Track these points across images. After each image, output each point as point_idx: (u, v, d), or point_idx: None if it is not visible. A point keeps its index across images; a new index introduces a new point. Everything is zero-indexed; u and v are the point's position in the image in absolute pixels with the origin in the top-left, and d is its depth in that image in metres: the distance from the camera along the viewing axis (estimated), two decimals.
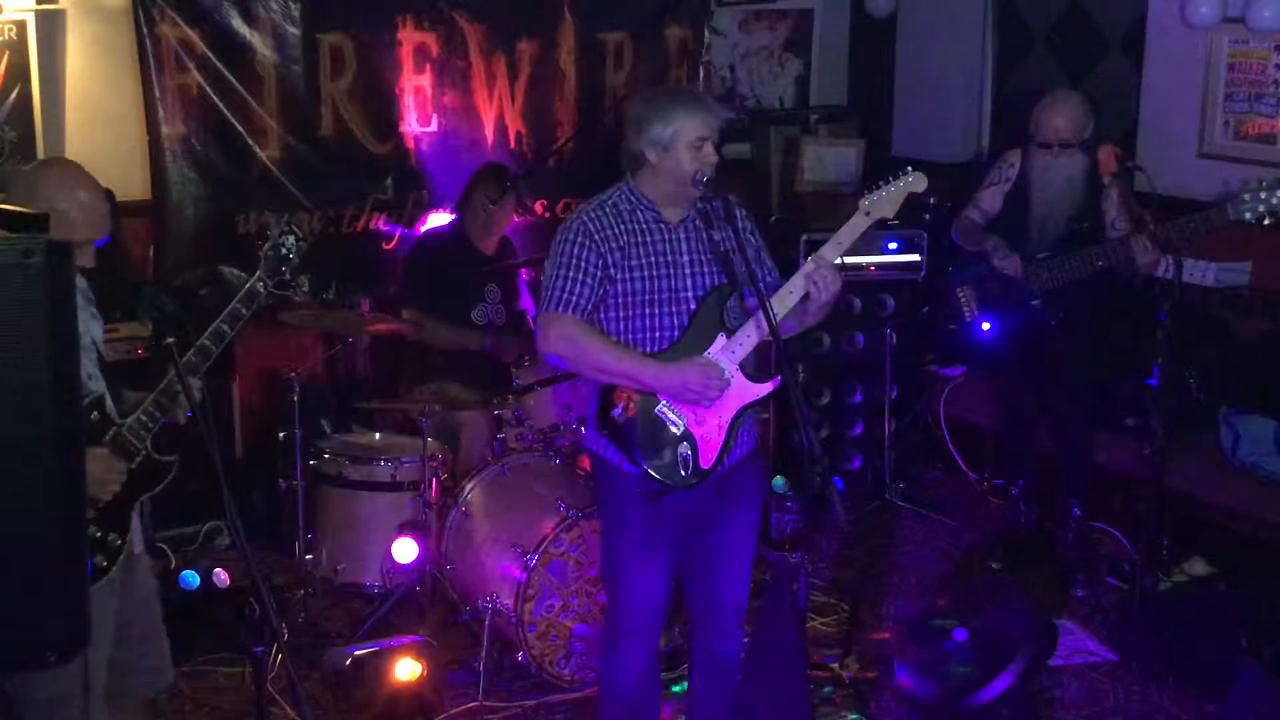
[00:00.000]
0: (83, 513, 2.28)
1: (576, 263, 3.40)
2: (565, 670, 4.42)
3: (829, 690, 4.44)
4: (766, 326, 3.26)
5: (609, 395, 3.43)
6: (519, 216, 6.02)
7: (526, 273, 5.68)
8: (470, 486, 4.78)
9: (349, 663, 4.18)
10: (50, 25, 5.38)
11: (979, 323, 5.26)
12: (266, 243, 3.42)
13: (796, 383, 3.52)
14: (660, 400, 3.42)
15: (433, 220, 6.11)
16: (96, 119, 5.55)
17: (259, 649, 2.91)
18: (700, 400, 3.40)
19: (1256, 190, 4.51)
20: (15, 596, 2.09)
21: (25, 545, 2.09)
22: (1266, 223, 4.52)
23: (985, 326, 5.23)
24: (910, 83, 7.41)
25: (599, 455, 3.54)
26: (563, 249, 3.43)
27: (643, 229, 3.46)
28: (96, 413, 3.10)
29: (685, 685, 4.24)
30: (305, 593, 4.89)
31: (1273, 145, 5.60)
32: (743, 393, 3.46)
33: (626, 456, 3.44)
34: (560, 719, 4.34)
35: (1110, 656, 4.66)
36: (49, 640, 2.15)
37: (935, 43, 7.21)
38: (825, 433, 6.10)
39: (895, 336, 6.03)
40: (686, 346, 3.43)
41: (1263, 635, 4.19)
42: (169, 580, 4.86)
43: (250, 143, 5.76)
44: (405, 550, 4.72)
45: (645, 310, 3.44)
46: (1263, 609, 4.57)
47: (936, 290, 5.81)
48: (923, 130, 7.25)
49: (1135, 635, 4.59)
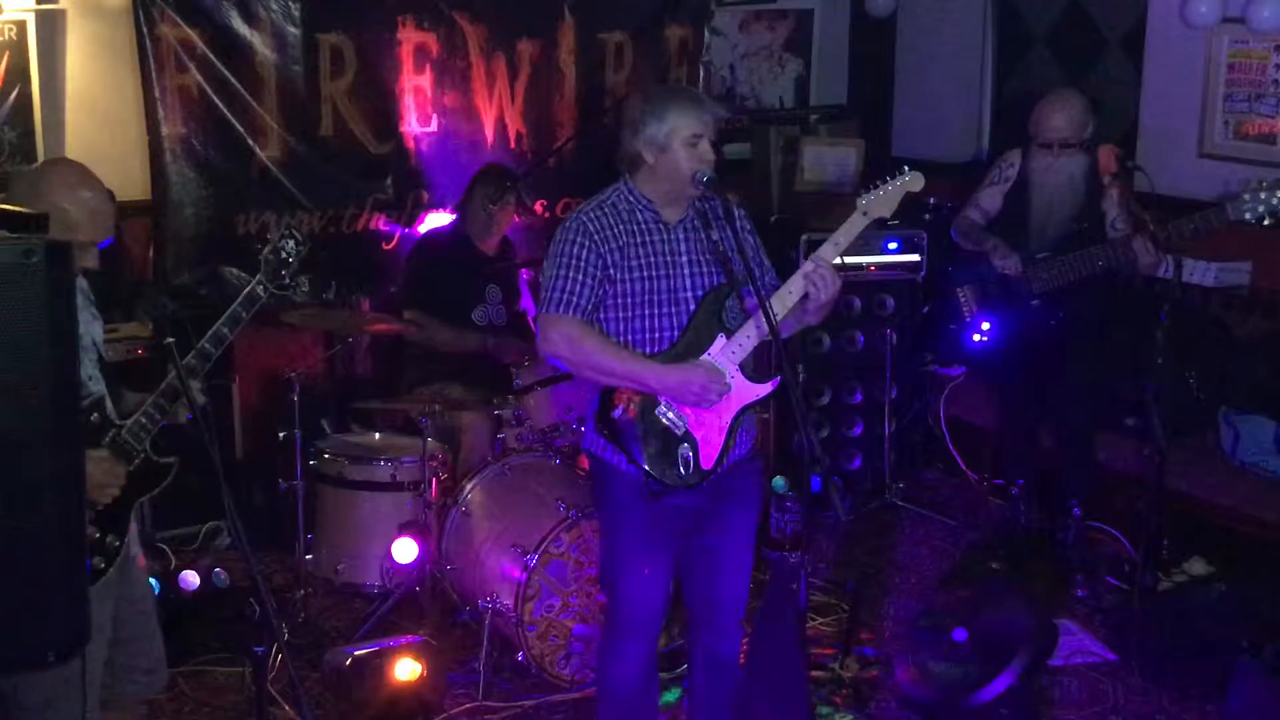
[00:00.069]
0: (83, 513, 2.28)
1: (576, 263, 3.39)
2: (565, 670, 4.42)
3: (829, 690, 4.43)
4: (766, 327, 3.26)
5: (609, 396, 3.43)
6: (519, 217, 6.02)
7: (527, 273, 5.68)
8: (470, 486, 4.78)
9: (349, 663, 4.18)
10: (50, 25, 5.37)
11: (979, 323, 5.26)
12: (266, 246, 3.41)
13: (796, 383, 3.52)
14: (661, 401, 3.42)
15: (433, 220, 6.11)
16: (96, 119, 5.55)
17: (259, 649, 2.91)
18: (701, 402, 3.39)
19: (1256, 190, 4.51)
20: (15, 596, 2.09)
21: (25, 545, 2.09)
22: (1266, 223, 4.52)
23: (985, 326, 5.24)
24: (910, 83, 7.41)
25: (598, 456, 3.53)
26: (562, 249, 3.41)
27: (642, 229, 3.45)
28: (97, 414, 3.10)
29: (677, 693, 4.25)
30: (305, 593, 4.89)
31: (1273, 145, 5.61)
32: (743, 393, 3.45)
33: (626, 457, 3.43)
34: (560, 719, 4.34)
35: (1110, 656, 4.66)
36: (49, 640, 2.16)
37: (935, 43, 7.21)
38: (825, 433, 6.10)
39: (895, 336, 6.02)
40: (686, 347, 3.42)
41: (1263, 635, 4.18)
42: (169, 580, 4.89)
43: (250, 143, 5.75)
44: (405, 550, 4.72)
45: (644, 311, 3.43)
46: (1263, 609, 4.57)
47: (936, 290, 5.80)
48: (923, 130, 7.26)
49: (1135, 635, 4.59)
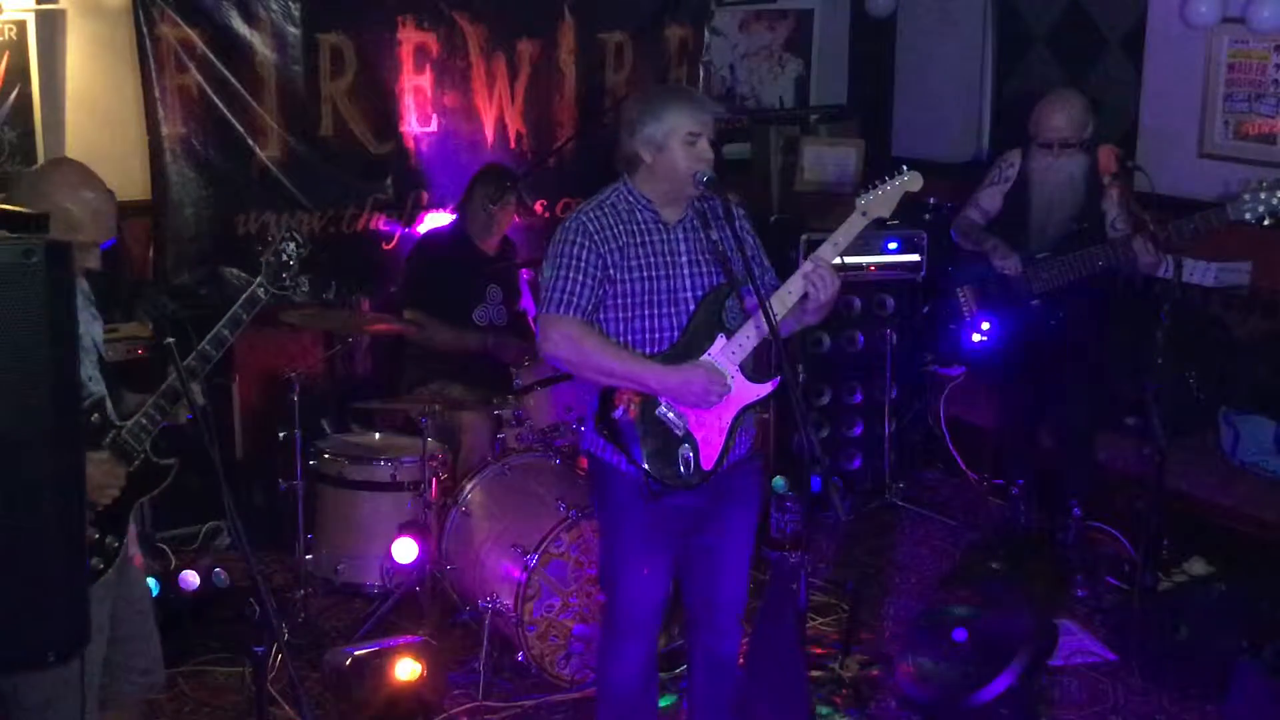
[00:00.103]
0: (83, 513, 2.28)
1: (576, 263, 3.38)
2: (565, 670, 4.42)
3: (829, 690, 4.43)
4: (766, 327, 3.25)
5: (609, 396, 3.42)
6: (519, 217, 6.02)
7: (527, 273, 5.68)
8: (470, 486, 4.78)
9: (349, 663, 4.18)
10: (50, 25, 5.37)
11: (979, 323, 5.26)
12: (268, 249, 3.40)
13: (796, 383, 3.52)
14: (661, 401, 3.41)
15: (432, 220, 6.11)
16: (96, 119, 5.55)
17: (259, 649, 2.91)
18: (702, 403, 3.39)
19: (1256, 191, 4.52)
20: (15, 596, 2.09)
21: (25, 545, 2.09)
22: (1266, 223, 4.52)
23: (985, 326, 5.24)
24: (910, 83, 7.41)
25: (597, 456, 3.53)
26: (562, 249, 3.41)
27: (642, 229, 3.45)
28: (97, 415, 3.09)
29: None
30: (305, 593, 4.89)
31: (1273, 145, 5.61)
32: (743, 393, 3.45)
33: (626, 457, 3.42)
34: (560, 719, 4.34)
35: (1110, 656, 4.66)
36: (49, 640, 2.16)
37: (935, 43, 7.21)
38: (825, 433, 6.10)
39: (895, 336, 6.02)
40: (686, 347, 3.42)
41: (1263, 635, 4.18)
42: (169, 580, 4.89)
43: (250, 143, 5.75)
44: (405, 550, 4.72)
45: (644, 311, 3.43)
46: (1263, 609, 4.57)
47: (936, 290, 5.80)
48: (923, 130, 7.25)
49: (1135, 635, 4.59)
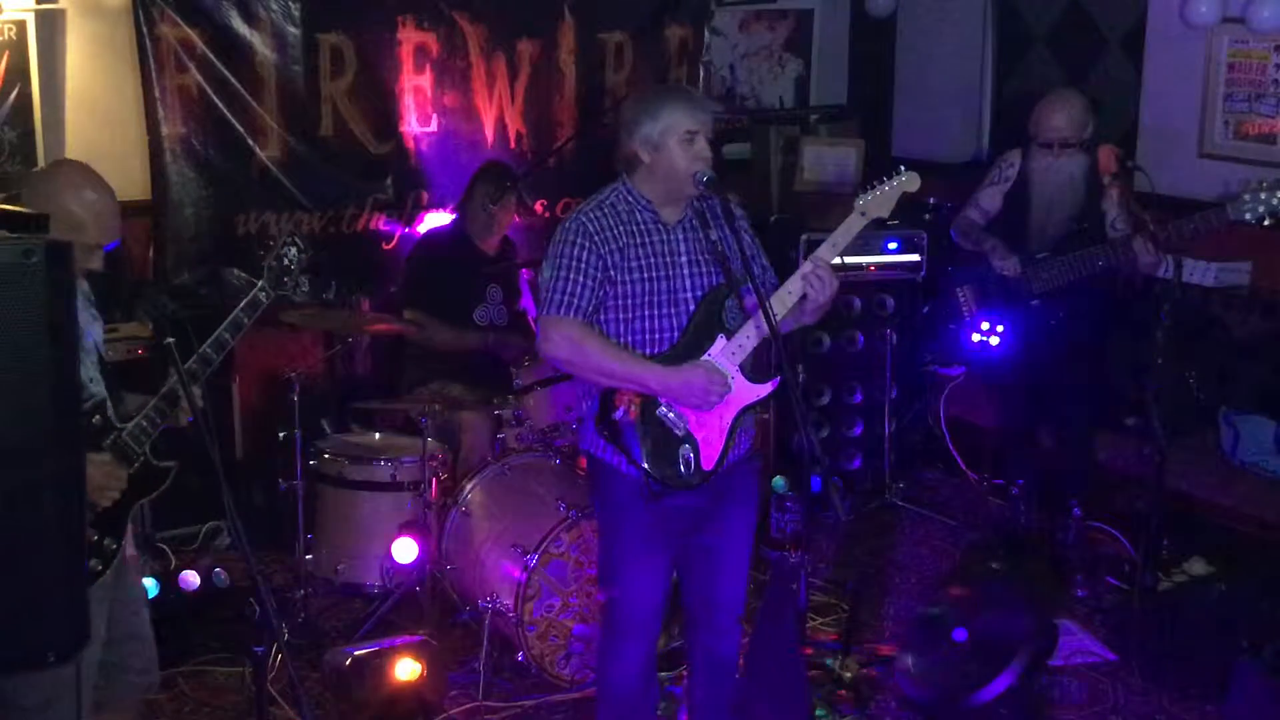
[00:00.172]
0: (83, 513, 2.28)
1: (576, 264, 3.38)
2: (565, 670, 4.42)
3: (829, 690, 4.43)
4: (766, 327, 3.25)
5: (610, 397, 3.42)
6: (519, 217, 6.02)
7: (528, 272, 5.67)
8: (470, 486, 4.78)
9: (349, 663, 4.18)
10: (50, 25, 5.37)
11: (979, 322, 5.26)
12: (269, 254, 3.40)
13: (796, 383, 3.51)
14: (661, 402, 3.41)
15: (433, 220, 6.11)
16: (96, 119, 5.54)
17: (259, 649, 2.91)
18: (703, 405, 3.39)
19: (1256, 191, 4.52)
20: (15, 597, 2.09)
21: (25, 545, 2.09)
22: (1266, 223, 4.52)
23: (985, 326, 5.23)
24: (910, 83, 7.40)
25: (597, 456, 3.52)
26: (562, 250, 3.40)
27: (642, 230, 3.45)
28: (99, 416, 3.09)
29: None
30: (305, 593, 4.88)
31: (1273, 145, 5.61)
32: (743, 394, 3.45)
33: (626, 458, 3.42)
34: (560, 719, 4.34)
35: (1110, 656, 4.66)
36: (49, 640, 2.15)
37: (935, 43, 7.21)
38: (825, 433, 6.10)
39: (895, 336, 6.02)
40: (686, 348, 3.42)
41: (1263, 635, 4.18)
42: (169, 580, 4.89)
43: (250, 143, 5.75)
44: (405, 550, 4.72)
45: (645, 312, 3.43)
46: (1263, 609, 4.57)
47: (936, 290, 5.80)
48: (923, 130, 7.25)
49: (1135, 635, 4.59)
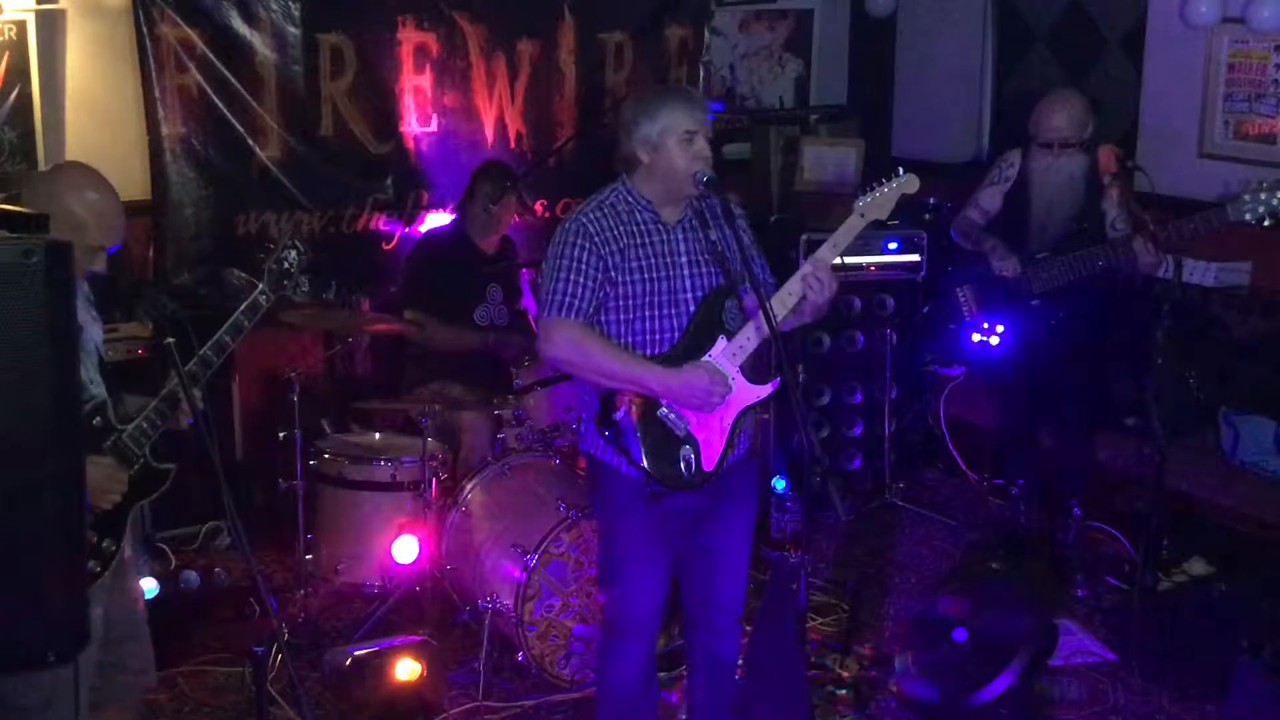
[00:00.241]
0: (83, 513, 2.27)
1: (576, 265, 3.37)
2: (565, 670, 4.42)
3: (829, 690, 4.43)
4: (767, 328, 3.25)
5: (611, 398, 3.42)
6: (519, 217, 6.01)
7: (528, 272, 5.67)
8: (470, 486, 4.78)
9: (349, 663, 4.18)
10: (50, 25, 5.37)
11: (979, 323, 5.26)
12: (270, 257, 3.40)
13: (796, 383, 3.52)
14: (662, 403, 3.41)
15: (433, 220, 6.11)
16: (96, 119, 5.54)
17: (259, 649, 2.91)
18: (705, 406, 3.39)
19: (1257, 191, 4.52)
20: (15, 597, 2.09)
21: (25, 545, 2.09)
22: (1266, 223, 4.52)
23: (985, 326, 5.23)
24: (910, 83, 7.40)
25: (596, 457, 3.53)
26: (562, 250, 3.40)
27: (642, 230, 3.45)
28: (99, 418, 3.09)
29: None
30: (305, 593, 4.88)
31: (1273, 145, 5.60)
32: (744, 395, 3.45)
33: (626, 458, 3.42)
34: (560, 719, 4.34)
35: (1110, 656, 4.66)
36: (49, 640, 2.15)
37: (935, 43, 7.21)
38: (825, 433, 6.10)
39: (895, 336, 6.03)
40: (686, 349, 3.42)
41: (1263, 635, 4.19)
42: (169, 580, 4.89)
43: (250, 143, 5.75)
44: (405, 550, 4.72)
45: (645, 313, 3.43)
46: (1263, 609, 4.57)
47: (936, 290, 5.80)
48: (923, 130, 7.25)
49: (1135, 635, 4.59)
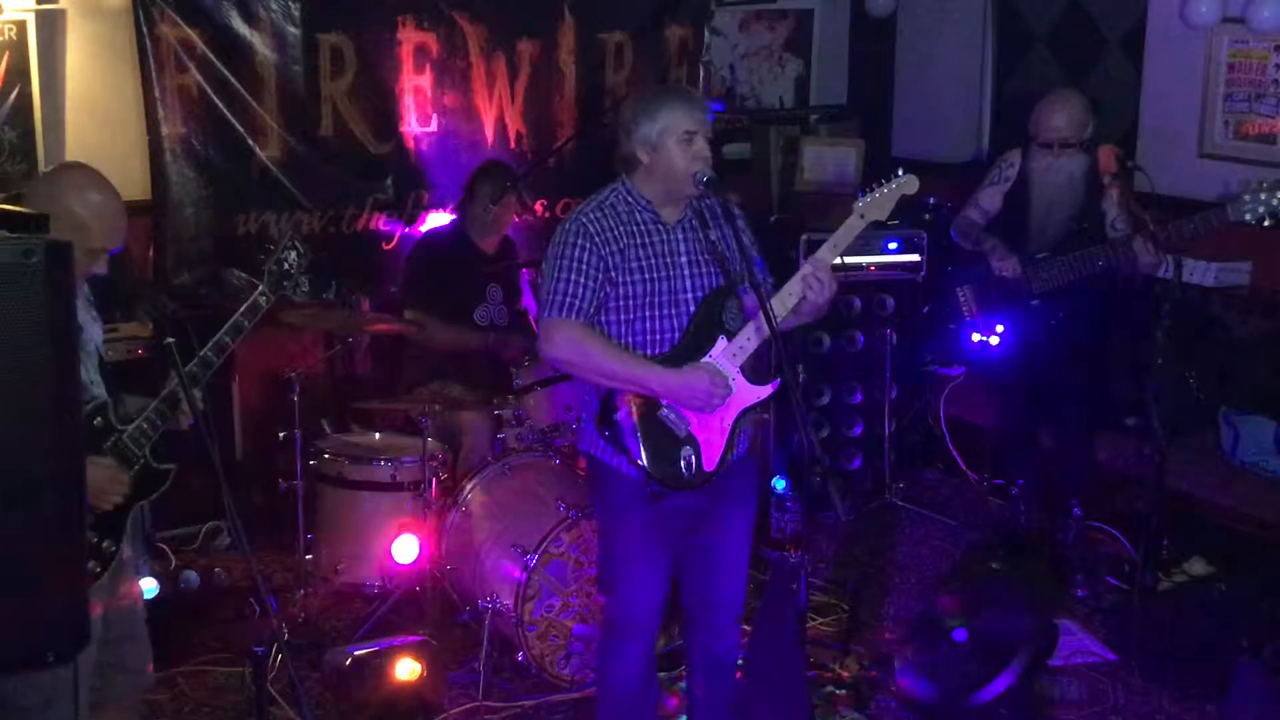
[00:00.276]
0: (83, 513, 2.27)
1: (577, 265, 3.37)
2: (565, 670, 4.42)
3: (829, 690, 4.43)
4: (767, 328, 3.25)
5: (611, 398, 3.42)
6: (519, 216, 6.01)
7: (528, 272, 5.67)
8: (470, 486, 4.78)
9: (349, 663, 4.18)
10: (50, 25, 5.37)
11: (979, 323, 5.26)
12: (270, 258, 3.40)
13: (796, 383, 3.52)
14: (663, 403, 3.41)
15: (433, 220, 6.11)
16: (96, 119, 5.54)
17: (259, 649, 2.91)
18: (706, 407, 3.39)
19: (1257, 191, 4.51)
20: (15, 596, 2.09)
21: (25, 545, 2.09)
22: (1266, 224, 4.52)
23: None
24: (910, 83, 7.40)
25: (596, 458, 3.52)
26: (562, 251, 3.40)
27: (642, 230, 3.44)
28: (100, 419, 3.09)
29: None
30: (305, 593, 4.89)
31: (1273, 145, 5.60)
32: (744, 395, 3.45)
33: (626, 459, 3.42)
34: (560, 719, 4.34)
35: (1110, 656, 4.66)
36: (49, 640, 2.16)
37: (935, 43, 7.21)
38: (825, 433, 6.10)
39: (895, 336, 6.03)
40: (687, 349, 3.42)
41: (1263, 635, 4.19)
42: (169, 580, 4.89)
43: (250, 143, 5.74)
44: (405, 550, 4.72)
45: (646, 313, 3.42)
46: (1263, 609, 4.57)
47: (936, 290, 5.80)
48: (923, 130, 7.25)
49: (1135, 635, 4.59)
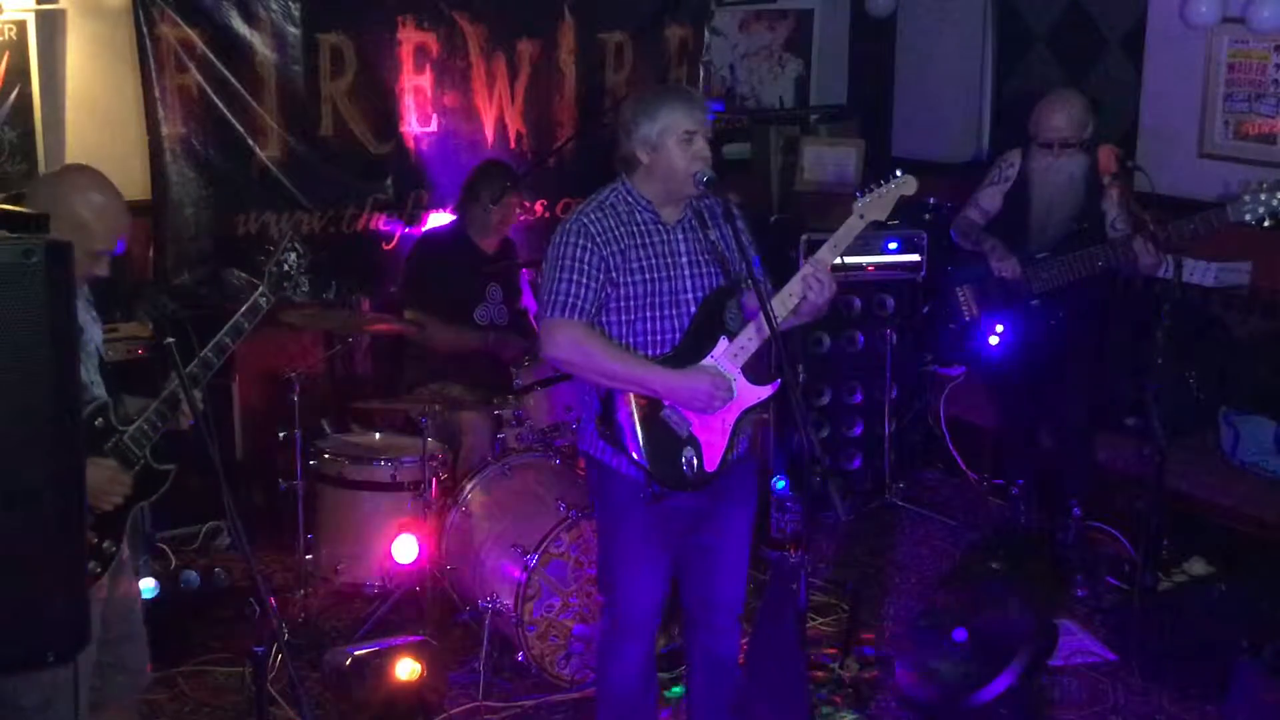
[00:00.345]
0: (83, 513, 2.28)
1: (578, 265, 3.37)
2: (565, 670, 4.42)
3: (829, 690, 4.43)
4: (768, 329, 3.24)
5: (612, 398, 3.42)
6: (519, 216, 6.01)
7: (528, 272, 5.67)
8: (470, 486, 4.78)
9: (349, 663, 4.18)
10: (50, 25, 5.37)
11: (979, 323, 5.26)
12: (270, 259, 3.40)
13: (796, 383, 3.51)
14: (664, 404, 3.41)
15: (433, 220, 6.11)
16: (96, 119, 5.54)
17: (259, 649, 2.91)
18: (707, 409, 3.38)
19: (1257, 192, 4.52)
20: (15, 597, 2.09)
21: (25, 545, 2.09)
22: (1266, 224, 4.52)
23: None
24: (910, 83, 7.40)
25: (596, 458, 3.52)
26: (563, 251, 3.39)
27: (642, 230, 3.44)
28: (100, 419, 3.09)
29: (680, 689, 4.24)
30: (305, 593, 4.89)
31: (1273, 145, 5.60)
32: (745, 396, 3.45)
33: (627, 459, 3.42)
34: (560, 719, 4.34)
35: (1110, 656, 4.66)
36: (49, 640, 2.16)
37: (935, 42, 7.21)
38: (825, 433, 6.10)
39: (895, 336, 6.03)
40: (688, 349, 3.42)
41: (1263, 635, 4.18)
42: (169, 580, 4.88)
43: (250, 143, 5.75)
44: (405, 550, 4.72)
45: (646, 313, 3.42)
46: (1263, 609, 4.57)
47: (936, 290, 5.80)
48: (923, 130, 7.25)
49: (1135, 635, 4.59)
